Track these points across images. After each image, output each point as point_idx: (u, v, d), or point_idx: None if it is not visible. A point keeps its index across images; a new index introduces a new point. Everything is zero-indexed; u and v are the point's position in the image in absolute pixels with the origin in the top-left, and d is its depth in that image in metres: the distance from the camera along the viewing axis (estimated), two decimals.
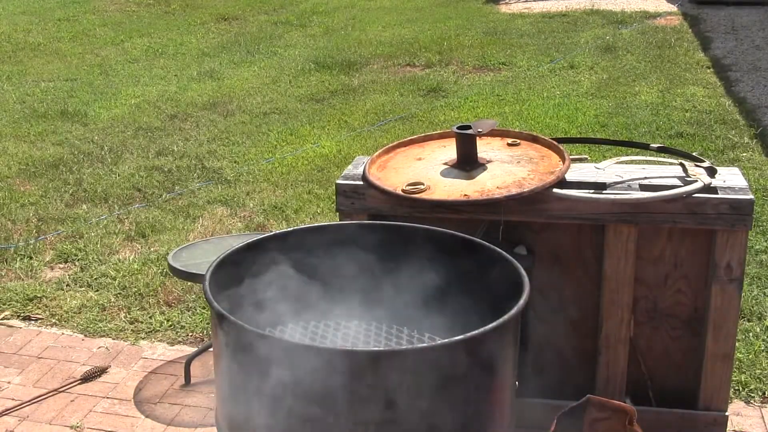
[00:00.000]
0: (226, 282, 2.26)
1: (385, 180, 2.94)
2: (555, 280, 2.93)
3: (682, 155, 3.20)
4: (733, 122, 6.48)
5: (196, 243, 3.64)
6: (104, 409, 3.29)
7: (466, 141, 2.97)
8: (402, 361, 1.94)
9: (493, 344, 2.02)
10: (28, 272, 4.40)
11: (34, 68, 8.81)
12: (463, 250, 2.41)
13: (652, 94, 7.28)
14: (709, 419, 2.93)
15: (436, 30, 10.11)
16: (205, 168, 5.83)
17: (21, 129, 6.75)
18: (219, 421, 2.22)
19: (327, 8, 11.80)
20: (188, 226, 4.91)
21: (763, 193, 5.09)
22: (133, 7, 12.01)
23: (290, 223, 4.89)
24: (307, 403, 1.96)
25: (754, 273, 4.19)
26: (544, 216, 2.83)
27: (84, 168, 5.85)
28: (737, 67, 8.14)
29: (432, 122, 6.68)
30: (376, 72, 8.35)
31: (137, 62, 9.01)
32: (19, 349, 3.71)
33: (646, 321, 2.95)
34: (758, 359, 3.52)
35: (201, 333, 3.83)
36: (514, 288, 2.17)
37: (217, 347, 2.13)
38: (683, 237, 2.84)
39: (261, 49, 9.40)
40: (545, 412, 2.83)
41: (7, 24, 10.97)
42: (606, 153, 5.59)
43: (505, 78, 7.99)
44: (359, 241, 2.48)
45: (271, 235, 2.45)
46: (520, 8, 11.38)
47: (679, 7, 11.05)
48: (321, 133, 6.58)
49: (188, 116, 7.06)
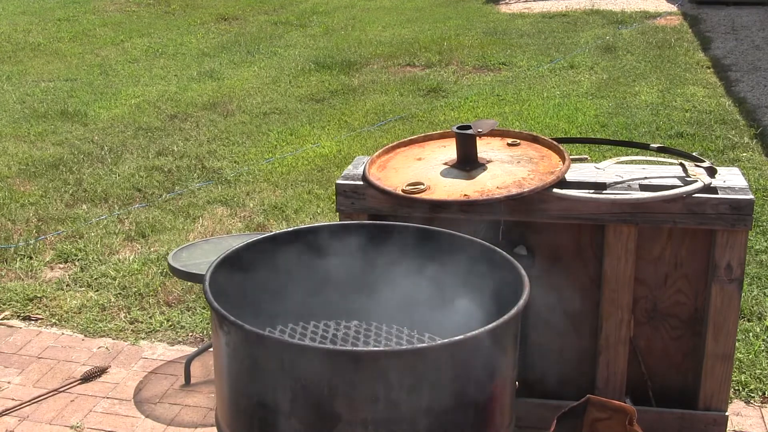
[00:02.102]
0: (226, 282, 2.26)
1: (385, 180, 2.94)
2: (555, 280, 2.93)
3: (682, 155, 3.20)
4: (733, 122, 6.48)
5: (196, 243, 3.64)
6: (104, 409, 3.30)
7: (466, 141, 2.97)
8: (402, 361, 1.94)
9: (493, 344, 2.03)
10: (28, 272, 4.40)
11: (34, 68, 8.81)
12: (463, 250, 2.41)
13: (652, 94, 7.28)
14: (709, 419, 2.93)
15: (436, 30, 10.12)
16: (205, 168, 5.83)
17: (21, 129, 6.75)
18: (219, 421, 2.22)
19: (327, 8, 11.80)
20: (188, 226, 4.92)
21: (763, 193, 5.09)
22: (133, 7, 12.01)
23: (290, 223, 4.89)
24: (307, 403, 1.97)
25: (754, 273, 4.19)
26: (544, 216, 2.83)
27: (84, 168, 5.85)
28: (737, 67, 8.14)
29: (432, 122, 6.68)
30: (376, 72, 8.35)
31: (137, 62, 9.01)
32: (19, 349, 3.71)
33: (646, 321, 2.95)
34: (758, 359, 3.52)
35: (201, 333, 3.83)
36: (514, 288, 2.17)
37: (217, 347, 2.13)
38: (683, 237, 2.84)
39: (261, 49, 9.40)
40: (545, 412, 2.83)
41: (7, 24, 10.97)
42: (606, 153, 5.60)
43: (505, 78, 7.99)
44: (359, 241, 2.48)
45: (271, 235, 2.45)
46: (520, 8, 11.38)
47: (679, 7, 11.05)
48: (321, 133, 6.58)
49: (188, 116, 7.06)
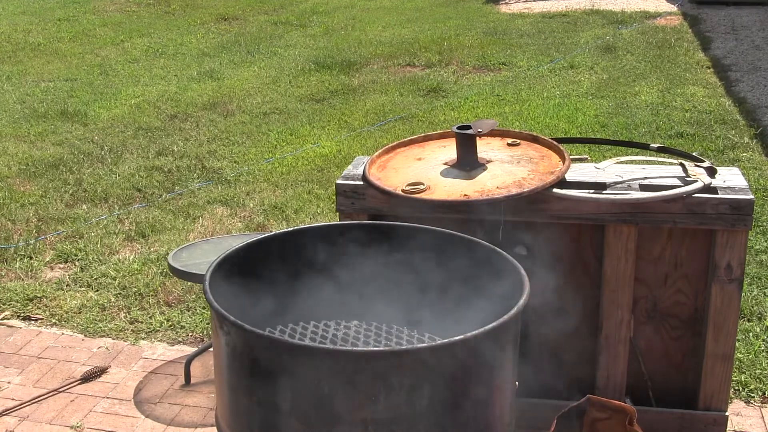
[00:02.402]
0: (226, 282, 2.26)
1: (385, 180, 2.94)
2: (555, 280, 2.93)
3: (682, 155, 3.20)
4: (733, 122, 6.48)
5: (196, 243, 3.64)
6: (104, 409, 3.30)
7: (466, 141, 2.97)
8: (402, 361, 1.94)
9: (493, 344, 2.02)
10: (28, 272, 4.40)
11: (34, 68, 8.81)
12: (463, 250, 2.41)
13: (652, 94, 7.28)
14: (709, 419, 2.93)
15: (436, 30, 10.12)
16: (205, 168, 5.83)
17: (21, 129, 6.75)
18: (219, 421, 2.22)
19: (327, 8, 11.80)
20: (188, 226, 4.91)
21: (763, 193, 5.09)
22: (133, 7, 12.01)
23: (290, 223, 4.89)
24: (307, 403, 1.96)
25: (754, 273, 4.19)
26: (544, 216, 2.83)
27: (84, 168, 5.85)
28: (737, 67, 8.14)
29: (432, 122, 6.68)
30: (376, 72, 8.35)
31: (137, 62, 9.01)
32: (19, 349, 3.71)
33: (646, 321, 2.95)
34: (758, 359, 3.51)
35: (201, 333, 3.83)
36: (514, 288, 2.17)
37: (217, 347, 2.13)
38: (683, 237, 2.84)
39: (261, 49, 9.40)
40: (545, 412, 2.83)
41: (7, 24, 10.97)
42: (606, 153, 5.60)
43: (505, 78, 7.99)
44: (359, 241, 2.48)
45: (270, 235, 2.45)
46: (520, 8, 11.38)
47: (679, 7, 11.05)
48: (321, 133, 6.58)
49: (188, 116, 7.06)
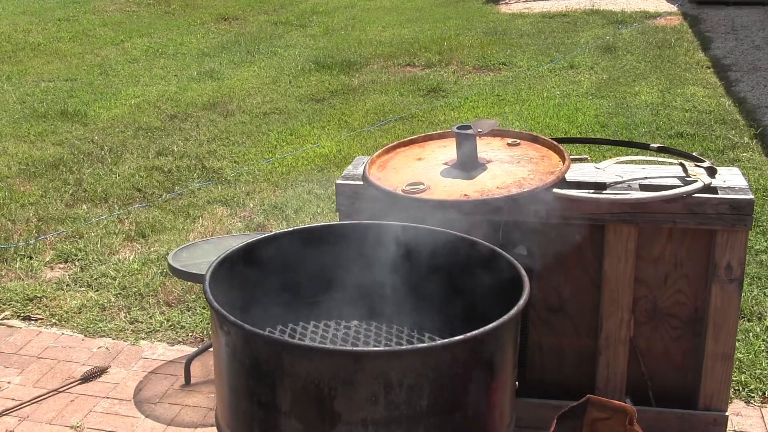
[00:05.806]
0: (226, 282, 2.26)
1: (385, 180, 2.94)
2: (555, 280, 2.93)
3: (682, 155, 3.20)
4: (733, 122, 6.48)
5: (196, 243, 3.64)
6: (104, 409, 3.29)
7: (466, 141, 2.97)
8: (402, 361, 1.94)
9: (493, 344, 2.03)
10: (28, 272, 4.40)
11: (34, 68, 8.81)
12: (463, 250, 2.41)
13: (652, 94, 7.28)
14: (709, 419, 2.93)
15: (436, 30, 10.12)
16: (205, 168, 5.83)
17: (21, 129, 6.75)
18: (219, 421, 2.22)
19: (327, 8, 11.80)
20: (188, 226, 4.91)
21: (763, 193, 5.09)
22: (133, 7, 12.01)
23: (290, 223, 4.89)
24: (307, 403, 1.96)
25: (754, 273, 4.19)
26: (544, 216, 2.83)
27: (84, 168, 5.85)
28: (737, 67, 8.14)
29: (432, 122, 6.68)
30: (376, 72, 8.34)
31: (137, 62, 9.01)
32: (19, 349, 3.71)
33: (646, 321, 2.95)
34: (758, 359, 3.51)
35: (201, 333, 3.83)
36: (514, 288, 2.17)
37: (217, 347, 2.13)
38: (683, 237, 2.84)
39: (261, 49, 9.40)
40: (545, 412, 2.83)
41: (7, 24, 10.97)
42: (606, 153, 5.59)
43: (505, 78, 7.99)
44: (359, 241, 2.48)
45: (271, 235, 2.45)
46: (520, 8, 11.38)
47: (679, 7, 11.05)
48: (321, 133, 6.58)
49: (188, 116, 7.06)
